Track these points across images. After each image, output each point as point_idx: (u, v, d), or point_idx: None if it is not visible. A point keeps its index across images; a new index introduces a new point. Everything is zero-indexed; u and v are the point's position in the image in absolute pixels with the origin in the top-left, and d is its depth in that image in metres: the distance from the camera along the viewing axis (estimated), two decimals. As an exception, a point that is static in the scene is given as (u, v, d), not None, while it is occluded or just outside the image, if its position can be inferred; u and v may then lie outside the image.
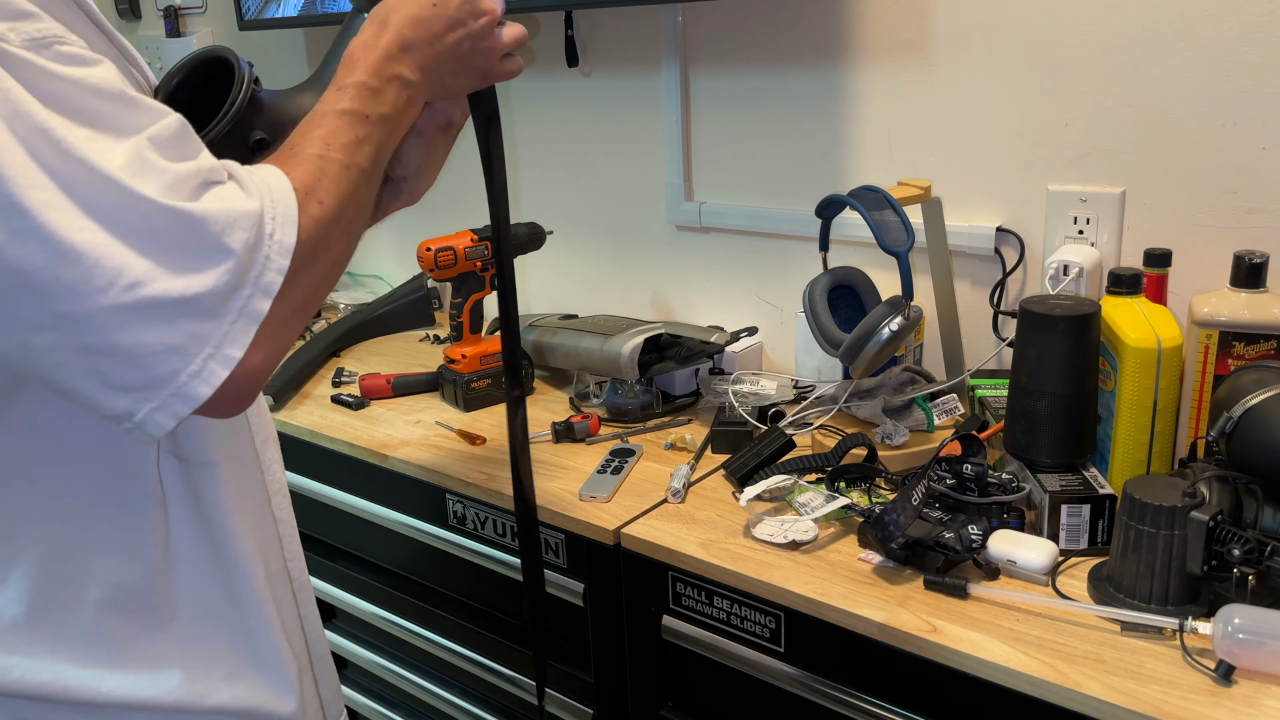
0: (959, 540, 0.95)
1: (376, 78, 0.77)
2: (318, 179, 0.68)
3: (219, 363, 0.60)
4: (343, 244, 0.71)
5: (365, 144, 0.73)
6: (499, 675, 1.34)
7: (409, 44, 0.80)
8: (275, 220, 0.63)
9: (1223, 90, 1.15)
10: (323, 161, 0.70)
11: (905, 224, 1.13)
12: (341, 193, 0.70)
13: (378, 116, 0.75)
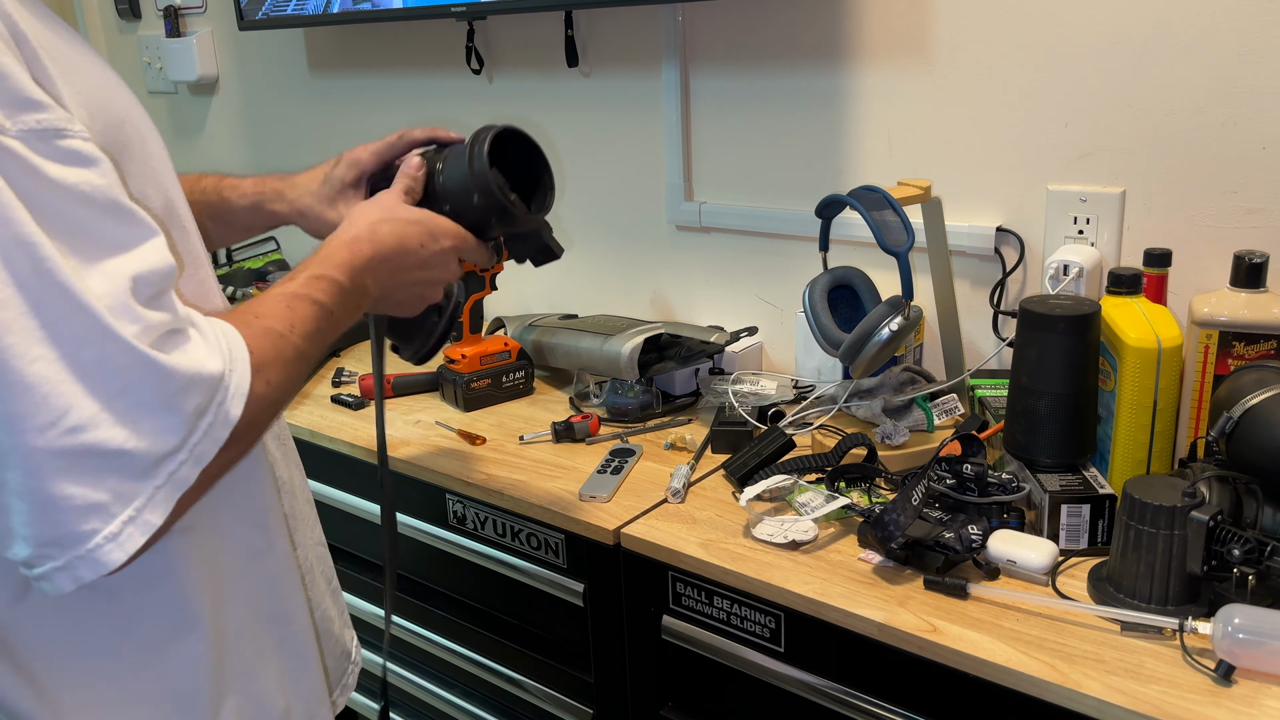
0: (959, 540, 0.95)
1: (350, 281, 0.78)
2: (273, 358, 0.66)
3: (138, 528, 0.56)
4: (267, 427, 0.68)
5: (320, 337, 0.72)
6: (499, 675, 1.34)
7: (385, 260, 0.82)
8: (229, 389, 0.60)
9: (1223, 90, 1.15)
10: (283, 342, 0.68)
11: (905, 224, 1.13)
12: (288, 378, 0.67)
13: (339, 316, 0.75)
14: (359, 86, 2.07)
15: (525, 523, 1.22)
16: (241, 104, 2.34)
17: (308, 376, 0.74)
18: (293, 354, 0.68)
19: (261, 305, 0.70)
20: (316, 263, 0.77)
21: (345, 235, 0.82)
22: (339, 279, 0.76)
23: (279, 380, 0.66)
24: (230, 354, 0.62)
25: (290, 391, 0.69)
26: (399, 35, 1.96)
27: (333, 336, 0.75)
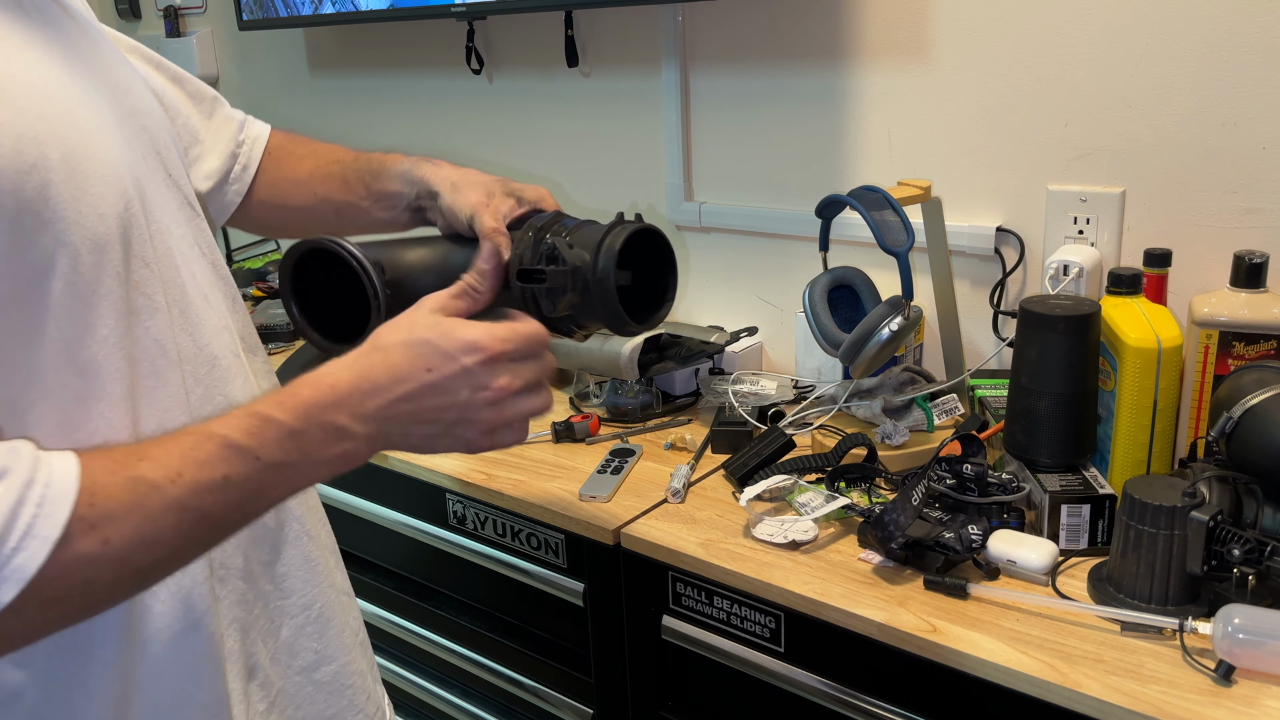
0: (959, 540, 0.95)
1: (300, 420, 0.62)
2: (129, 509, 0.54)
3: None
4: (113, 591, 0.56)
5: (232, 488, 0.58)
6: (499, 675, 1.34)
7: (365, 395, 0.65)
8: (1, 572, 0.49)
9: (1223, 90, 1.15)
10: (153, 492, 0.55)
11: (905, 224, 1.13)
12: (150, 533, 0.55)
13: (273, 462, 0.60)
14: (359, 86, 2.07)
15: (525, 523, 1.22)
16: (241, 104, 2.33)
17: (231, 527, 0.61)
18: (161, 507, 0.55)
19: (156, 445, 0.58)
20: (270, 397, 0.63)
21: (321, 370, 0.66)
22: (279, 418, 0.61)
23: (125, 540, 0.54)
24: (17, 522, 0.50)
25: (154, 550, 0.56)
26: (399, 35, 1.96)
27: (272, 486, 0.61)
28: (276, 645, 0.78)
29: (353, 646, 0.86)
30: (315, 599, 0.81)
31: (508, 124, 1.85)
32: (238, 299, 0.79)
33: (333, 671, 0.83)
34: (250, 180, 0.97)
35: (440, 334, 0.67)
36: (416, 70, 1.95)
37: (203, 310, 0.72)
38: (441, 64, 1.90)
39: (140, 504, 0.54)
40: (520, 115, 1.83)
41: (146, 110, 0.72)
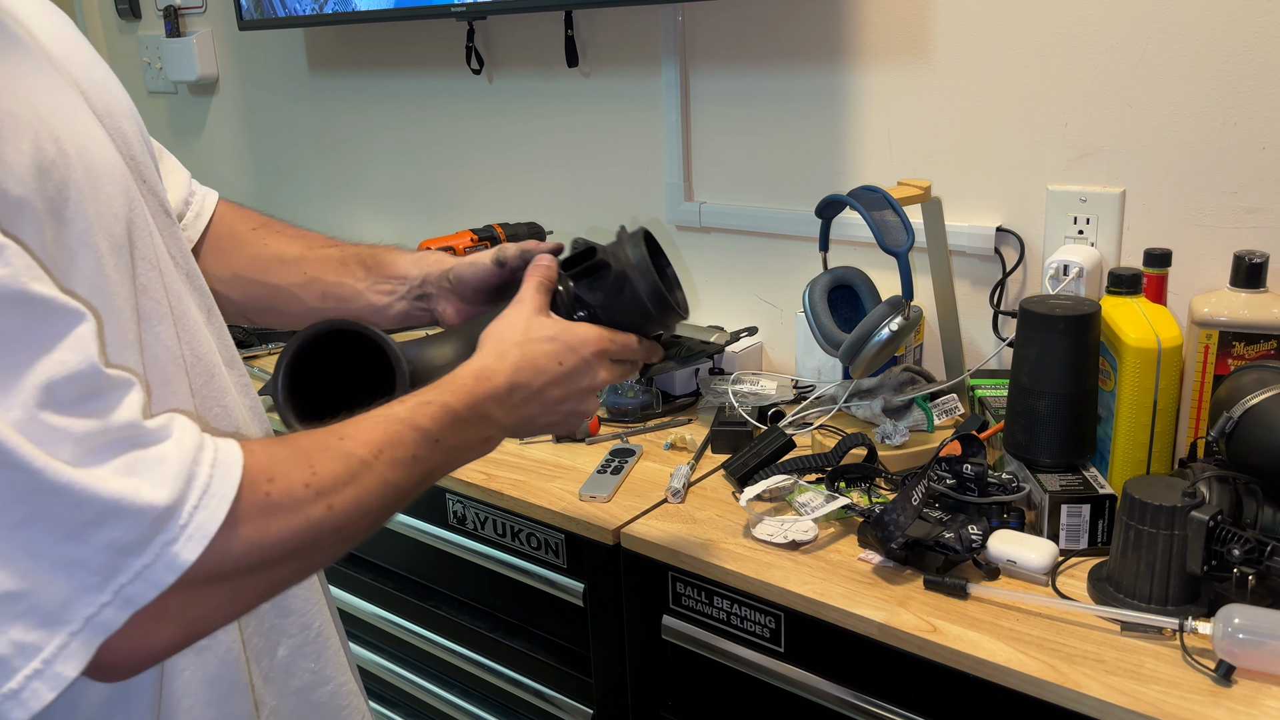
0: (959, 540, 0.95)
1: (469, 410, 0.71)
2: (344, 483, 0.59)
3: (45, 683, 0.48)
4: (332, 551, 0.62)
5: (418, 465, 0.66)
6: (499, 675, 1.34)
7: (517, 388, 0.75)
8: (181, 526, 0.51)
9: (1223, 90, 1.15)
10: (363, 467, 0.61)
11: (905, 224, 1.13)
12: (363, 505, 0.61)
13: (447, 445, 0.68)
14: (359, 86, 2.07)
15: (525, 523, 1.22)
16: (241, 104, 2.34)
17: (413, 498, 0.67)
18: (375, 480, 0.61)
19: (351, 427, 0.63)
20: (435, 389, 0.70)
21: (474, 364, 0.74)
22: (455, 406, 0.69)
23: (349, 507, 0.59)
24: (196, 482, 0.52)
25: (366, 518, 0.61)
26: (399, 35, 1.96)
27: (443, 466, 0.69)
28: (271, 665, 0.77)
29: (345, 666, 0.86)
30: (314, 618, 0.81)
31: (508, 124, 1.85)
32: (214, 310, 0.77)
33: (329, 692, 0.82)
34: (202, 231, 0.91)
35: (561, 330, 0.78)
36: (416, 70, 1.95)
37: (196, 319, 0.72)
38: (441, 64, 1.90)
39: (356, 476, 0.60)
40: (520, 115, 1.83)
41: (123, 111, 0.70)
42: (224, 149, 2.43)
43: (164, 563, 0.50)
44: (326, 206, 2.25)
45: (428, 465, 0.67)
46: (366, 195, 2.16)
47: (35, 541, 0.47)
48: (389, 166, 2.09)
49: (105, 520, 0.49)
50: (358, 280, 0.91)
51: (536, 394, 0.76)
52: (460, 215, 1.96)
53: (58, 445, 0.48)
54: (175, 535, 0.51)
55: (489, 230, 1.59)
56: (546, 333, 0.78)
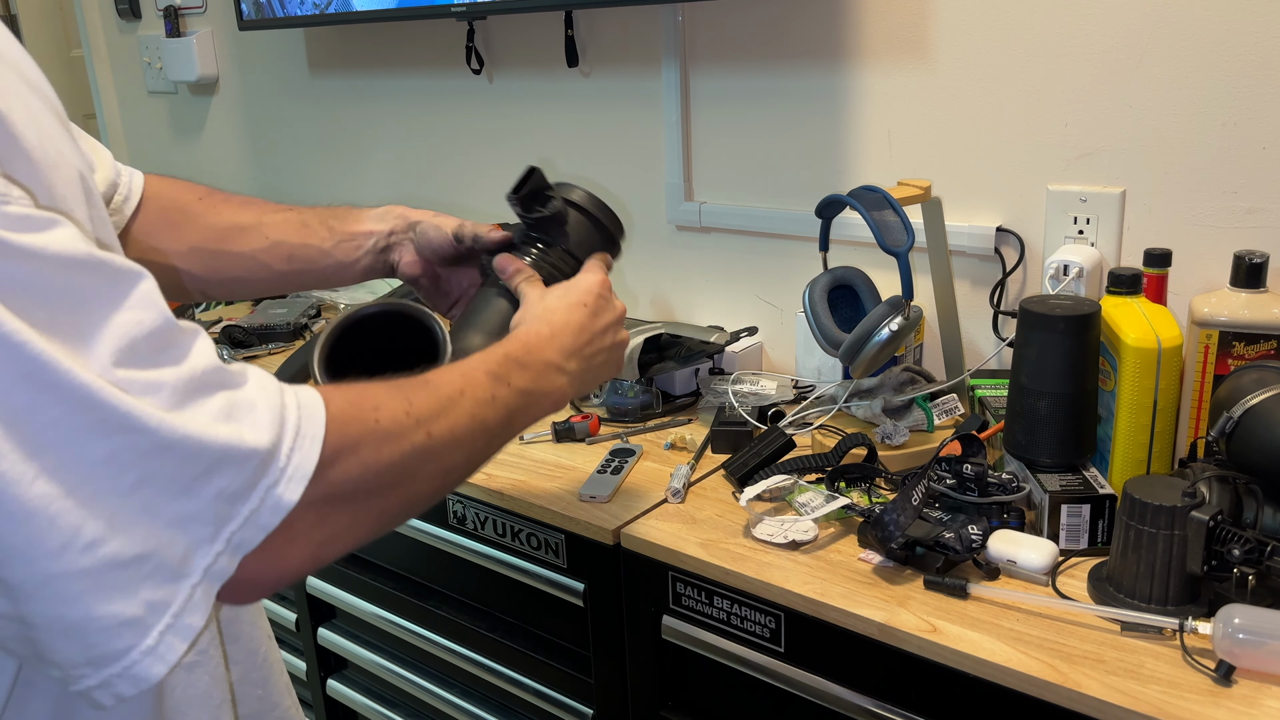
0: (959, 540, 0.95)
1: (527, 354, 0.76)
2: (438, 413, 0.63)
3: (177, 635, 0.49)
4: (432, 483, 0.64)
5: (498, 404, 0.70)
6: (499, 675, 1.34)
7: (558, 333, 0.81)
8: (282, 469, 0.52)
9: (1223, 90, 1.15)
10: (451, 401, 0.65)
11: (905, 224, 1.13)
12: (456, 435, 0.64)
13: (519, 388, 0.73)
14: (359, 86, 2.07)
15: (525, 523, 1.22)
16: (241, 104, 2.34)
17: (500, 442, 0.71)
18: (463, 413, 0.65)
19: (432, 374, 0.66)
20: (501, 345, 0.76)
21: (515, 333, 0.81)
22: (514, 353, 0.75)
23: (447, 433, 0.63)
24: (287, 424, 0.53)
25: (463, 448, 0.65)
26: (399, 35, 1.96)
27: (519, 410, 0.73)
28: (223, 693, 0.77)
29: (288, 691, 0.86)
30: (259, 644, 0.81)
31: (508, 124, 1.85)
32: None
33: (277, 718, 0.82)
34: (132, 212, 0.88)
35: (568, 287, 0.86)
36: (416, 70, 1.95)
37: None
38: (441, 64, 1.90)
39: (447, 408, 0.64)
40: (520, 115, 1.83)
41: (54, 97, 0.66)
42: (224, 149, 2.43)
43: (269, 506, 0.51)
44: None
45: (507, 405, 0.71)
46: (366, 195, 2.16)
47: (151, 502, 0.48)
48: (389, 166, 2.09)
49: (215, 470, 0.49)
50: (323, 240, 0.93)
51: (579, 334, 0.82)
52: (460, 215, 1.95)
53: (157, 397, 0.48)
54: (277, 478, 0.52)
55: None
56: (558, 293, 0.85)
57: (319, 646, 1.61)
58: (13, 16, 3.01)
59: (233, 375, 0.53)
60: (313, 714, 1.71)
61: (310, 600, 1.59)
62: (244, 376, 0.54)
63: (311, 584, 1.56)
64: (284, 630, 1.68)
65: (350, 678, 1.63)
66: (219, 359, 0.53)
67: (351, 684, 1.62)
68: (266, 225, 0.93)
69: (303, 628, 1.63)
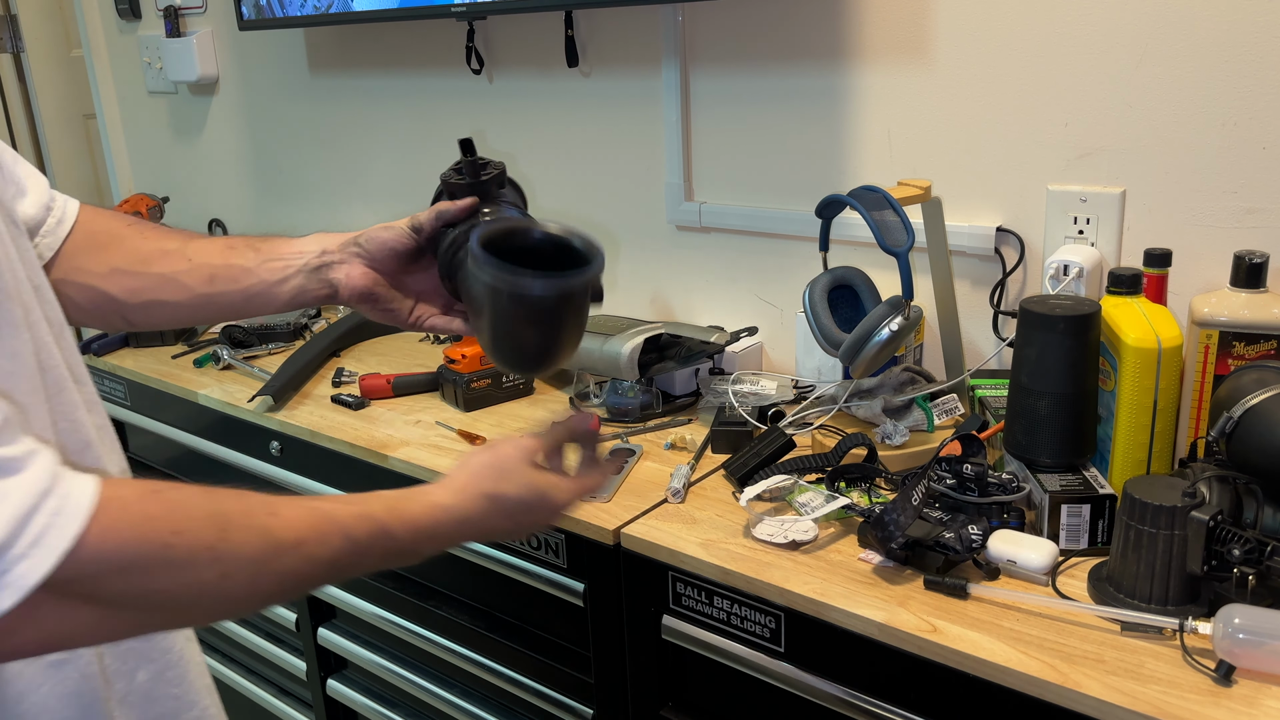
0: (959, 540, 0.95)
1: (408, 541, 0.70)
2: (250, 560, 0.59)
3: None
4: (210, 615, 0.62)
5: (332, 569, 0.65)
6: (499, 675, 1.34)
7: (458, 538, 0.76)
8: (3, 571, 0.51)
9: (1223, 90, 1.15)
10: (277, 553, 0.61)
11: (905, 224, 1.13)
12: (257, 588, 0.60)
13: (371, 561, 0.68)
14: (359, 86, 2.07)
15: (525, 523, 1.21)
16: (241, 104, 2.34)
17: (290, 596, 0.66)
18: (282, 569, 0.61)
19: (286, 504, 0.63)
20: (383, 503, 0.69)
21: (435, 496, 0.74)
22: (395, 533, 0.69)
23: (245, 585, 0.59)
24: (28, 529, 0.52)
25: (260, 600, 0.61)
26: (399, 35, 1.96)
27: (352, 574, 0.68)
28: (130, 688, 0.76)
29: (207, 690, 0.85)
30: (175, 641, 0.79)
31: (508, 124, 1.85)
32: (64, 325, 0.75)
33: (194, 717, 0.81)
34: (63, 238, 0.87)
35: (536, 498, 0.78)
36: (416, 70, 1.95)
37: (45, 333, 0.70)
38: (441, 64, 1.90)
39: (265, 559, 0.60)
40: (520, 115, 1.83)
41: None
42: (224, 149, 2.43)
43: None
44: (326, 206, 2.25)
45: (342, 572, 0.66)
46: (366, 195, 2.16)
47: None
48: (389, 166, 2.09)
49: None
50: (247, 260, 0.88)
51: (477, 538, 0.79)
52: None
53: None
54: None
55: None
56: (524, 494, 0.78)
57: (319, 646, 1.61)
58: (13, 17, 3.01)
59: (9, 463, 0.52)
60: (312, 714, 1.71)
61: (310, 600, 1.59)
62: (20, 467, 0.53)
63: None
64: (284, 630, 1.68)
65: (350, 678, 1.63)
66: (15, 451, 0.52)
67: (351, 684, 1.62)
68: (191, 249, 0.89)
69: (303, 628, 1.63)
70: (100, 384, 1.89)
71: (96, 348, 1.88)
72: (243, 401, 1.57)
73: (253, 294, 0.88)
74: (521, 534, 0.81)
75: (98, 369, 1.87)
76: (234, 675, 1.86)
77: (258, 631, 1.77)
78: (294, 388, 1.61)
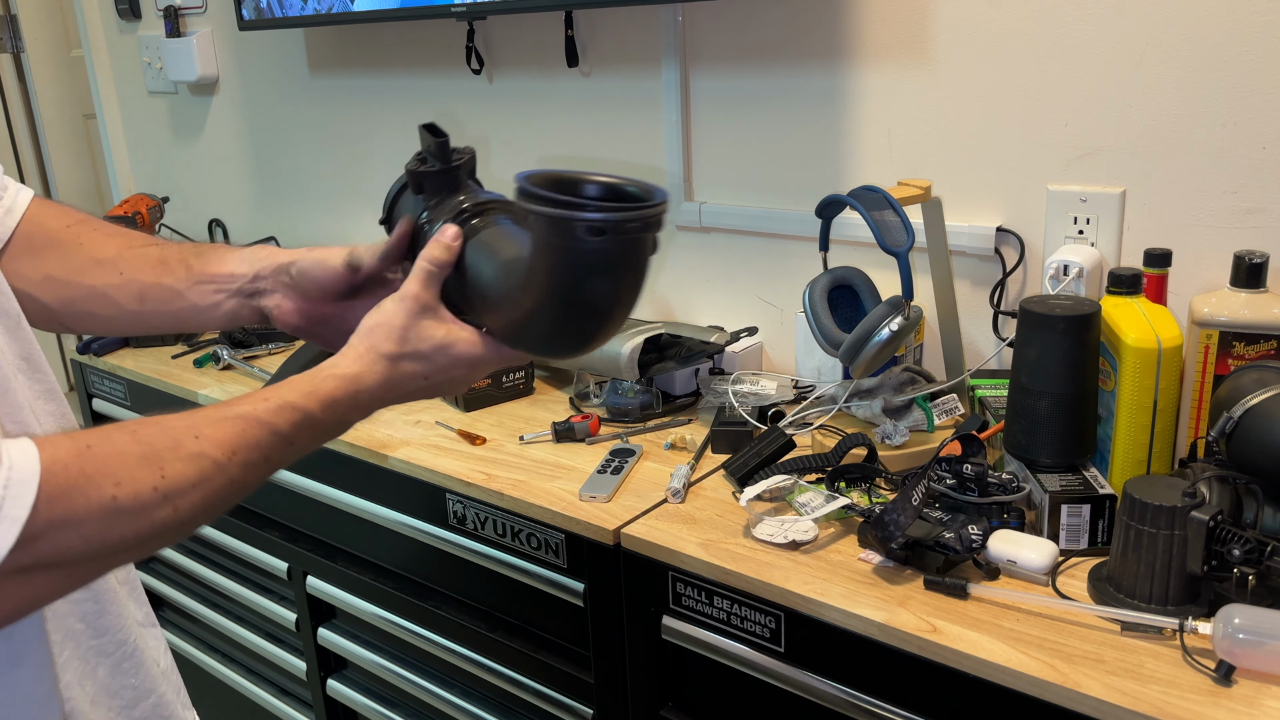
0: (959, 540, 0.95)
1: (329, 415, 0.70)
2: (193, 485, 0.61)
3: None
4: (167, 544, 0.63)
5: (269, 465, 0.66)
6: (499, 675, 1.33)
7: (377, 402, 0.74)
8: None
9: (1223, 90, 1.15)
10: (215, 469, 0.62)
11: (905, 224, 1.13)
12: (208, 506, 0.62)
13: (301, 445, 0.69)
14: (359, 86, 2.07)
15: (525, 523, 1.22)
16: (241, 104, 2.34)
17: (236, 501, 0.67)
18: (222, 482, 0.62)
19: (207, 423, 0.63)
20: (296, 390, 0.69)
21: (341, 367, 0.72)
22: (316, 414, 0.69)
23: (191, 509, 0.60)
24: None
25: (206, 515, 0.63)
26: (399, 35, 1.96)
27: (289, 461, 0.69)
28: (95, 688, 0.75)
29: (163, 676, 0.84)
30: (128, 634, 0.79)
31: (508, 124, 1.85)
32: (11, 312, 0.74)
33: (150, 705, 0.80)
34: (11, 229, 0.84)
35: (434, 349, 0.75)
36: (416, 70, 1.95)
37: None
38: (441, 64, 1.90)
39: (206, 479, 0.61)
40: (520, 115, 1.83)
41: None
42: (224, 149, 2.43)
43: None
44: (326, 207, 2.25)
45: (278, 464, 0.68)
46: (366, 195, 2.16)
47: None
48: (389, 167, 2.08)
49: None
50: (178, 280, 0.85)
51: (402, 398, 0.76)
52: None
53: None
54: None
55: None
56: (420, 347, 0.74)
57: (319, 646, 1.61)
58: (13, 17, 3.01)
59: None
60: (312, 714, 1.71)
61: (310, 600, 1.59)
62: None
63: (311, 584, 1.56)
64: (284, 630, 1.68)
65: (350, 678, 1.63)
66: None
67: (351, 684, 1.62)
68: (124, 260, 0.85)
69: (303, 628, 1.63)
70: (100, 384, 1.89)
71: (96, 348, 1.87)
72: (243, 401, 1.56)
73: (185, 317, 0.86)
74: (442, 390, 0.78)
75: (97, 369, 1.87)
76: (234, 675, 1.86)
77: (258, 632, 1.77)
78: (294, 388, 1.61)
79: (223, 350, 1.75)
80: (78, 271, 0.85)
